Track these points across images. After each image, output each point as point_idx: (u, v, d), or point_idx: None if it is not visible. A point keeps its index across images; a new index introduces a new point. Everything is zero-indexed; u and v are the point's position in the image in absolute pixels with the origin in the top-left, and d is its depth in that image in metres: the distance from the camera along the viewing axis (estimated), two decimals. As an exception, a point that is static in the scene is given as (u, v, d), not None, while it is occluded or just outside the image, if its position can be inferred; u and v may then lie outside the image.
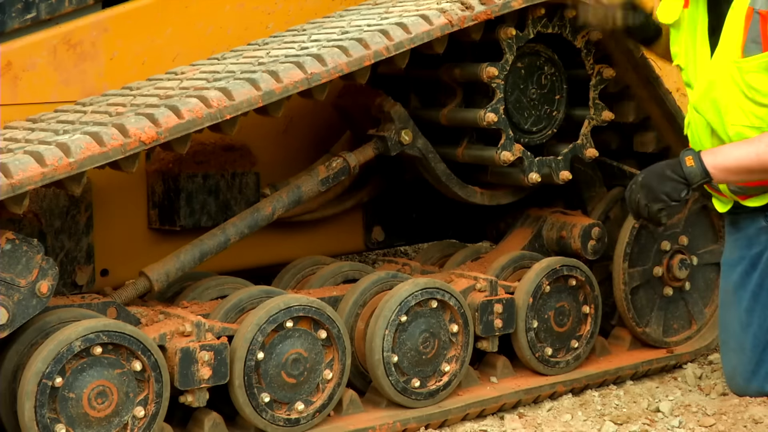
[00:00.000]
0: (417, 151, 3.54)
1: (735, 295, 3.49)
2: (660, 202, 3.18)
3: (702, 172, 3.14)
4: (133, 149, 2.77)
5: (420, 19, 3.26)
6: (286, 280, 3.55)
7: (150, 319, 3.02)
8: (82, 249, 3.33)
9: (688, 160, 3.15)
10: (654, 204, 3.18)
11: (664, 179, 3.17)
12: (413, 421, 3.24)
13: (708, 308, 3.97)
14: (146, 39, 3.47)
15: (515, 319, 3.45)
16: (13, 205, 2.66)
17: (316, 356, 3.10)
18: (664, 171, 3.19)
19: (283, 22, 3.72)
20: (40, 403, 2.67)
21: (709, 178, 3.15)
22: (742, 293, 3.47)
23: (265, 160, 3.69)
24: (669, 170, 3.18)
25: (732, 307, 3.49)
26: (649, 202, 3.19)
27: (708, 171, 3.14)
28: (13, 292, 2.71)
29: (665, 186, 3.17)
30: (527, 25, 3.53)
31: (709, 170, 3.14)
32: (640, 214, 3.24)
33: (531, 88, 3.60)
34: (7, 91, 3.24)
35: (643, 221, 3.29)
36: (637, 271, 3.77)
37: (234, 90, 2.94)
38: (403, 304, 3.21)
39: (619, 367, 3.69)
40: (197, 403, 2.92)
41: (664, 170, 3.19)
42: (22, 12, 3.26)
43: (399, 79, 3.70)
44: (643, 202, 3.20)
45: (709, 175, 3.14)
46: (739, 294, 3.48)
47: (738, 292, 3.47)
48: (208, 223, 3.51)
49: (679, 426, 3.29)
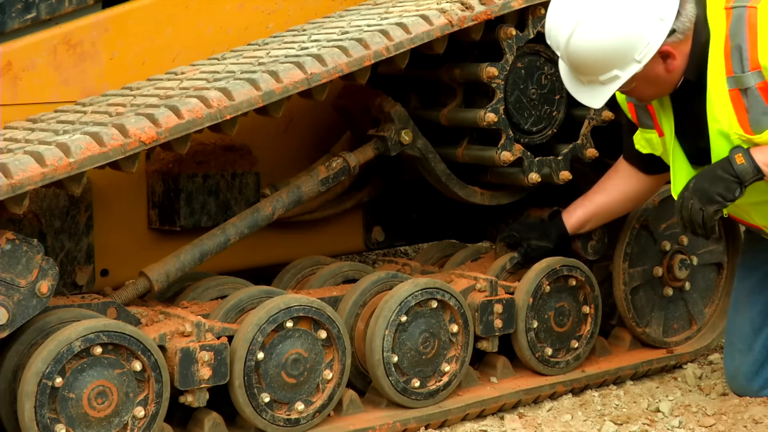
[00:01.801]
0: (417, 151, 3.54)
1: (750, 298, 3.49)
2: (715, 203, 3.05)
3: (754, 169, 3.02)
4: (133, 149, 2.77)
5: (420, 19, 3.26)
6: (286, 280, 3.55)
7: (150, 319, 3.02)
8: (82, 249, 3.33)
9: (738, 158, 3.04)
10: (710, 206, 3.06)
11: (716, 180, 3.05)
12: (413, 421, 3.24)
13: (708, 308, 3.97)
14: (146, 39, 3.47)
15: (515, 319, 3.45)
16: (13, 205, 2.66)
17: (316, 356, 3.10)
18: (715, 172, 3.06)
19: (283, 22, 3.72)
20: (40, 403, 2.67)
21: (761, 174, 3.03)
22: (758, 297, 3.48)
23: (265, 160, 3.69)
24: (720, 170, 3.05)
25: (745, 310, 3.50)
26: (704, 205, 3.06)
27: (759, 167, 3.03)
28: (13, 292, 2.71)
29: (718, 186, 3.04)
30: (527, 25, 3.53)
31: (761, 167, 3.03)
32: (693, 220, 3.09)
33: (531, 88, 3.60)
34: (7, 91, 3.24)
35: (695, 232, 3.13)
36: (637, 271, 3.77)
37: (234, 90, 2.94)
38: (403, 304, 3.21)
39: (619, 367, 3.69)
40: (197, 403, 2.92)
41: (714, 171, 3.07)
42: (22, 12, 3.26)
43: (399, 80, 3.70)
44: (697, 206, 3.07)
45: (761, 172, 3.03)
46: (754, 298, 3.49)
47: (754, 296, 3.48)
48: (208, 223, 3.51)
49: (679, 426, 3.29)
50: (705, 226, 3.09)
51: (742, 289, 3.55)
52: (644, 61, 3.00)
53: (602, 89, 3.07)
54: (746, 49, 2.98)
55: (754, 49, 2.97)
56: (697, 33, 3.06)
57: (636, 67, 3.01)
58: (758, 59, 2.96)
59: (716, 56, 3.04)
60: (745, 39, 2.98)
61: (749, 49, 2.98)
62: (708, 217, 3.07)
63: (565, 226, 3.59)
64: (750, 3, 3.00)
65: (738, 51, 2.99)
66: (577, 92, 3.16)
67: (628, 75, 3.02)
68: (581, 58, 3.02)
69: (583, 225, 3.61)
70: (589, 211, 3.59)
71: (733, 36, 3.01)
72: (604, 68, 3.02)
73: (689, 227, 3.13)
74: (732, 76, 3.01)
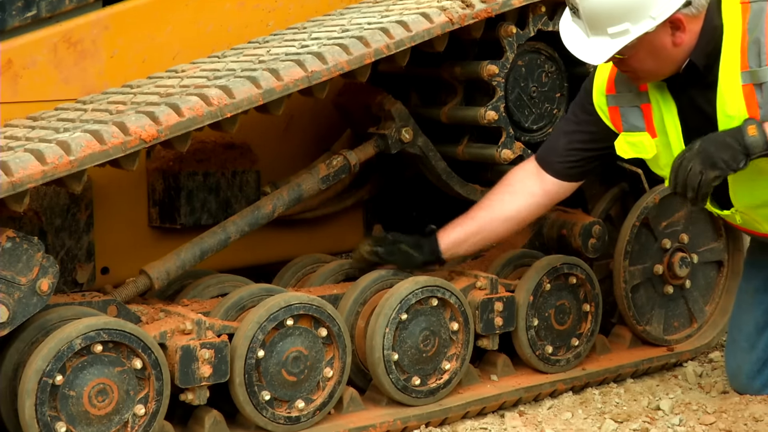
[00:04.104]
0: (417, 149, 3.54)
1: (755, 297, 3.49)
2: (717, 169, 2.92)
3: (765, 143, 2.91)
4: (133, 147, 2.77)
5: (421, 17, 3.26)
6: (287, 278, 3.55)
7: (150, 317, 3.02)
8: (83, 247, 3.33)
9: (751, 129, 2.93)
10: (711, 171, 2.93)
11: (724, 146, 2.92)
12: (414, 419, 3.24)
13: (708, 306, 3.97)
14: (147, 37, 3.47)
15: (516, 317, 3.45)
16: (13, 203, 2.66)
17: (316, 354, 3.10)
18: (725, 138, 2.94)
19: (283, 20, 3.72)
20: (41, 401, 2.67)
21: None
22: (764, 297, 3.48)
23: (265, 159, 3.69)
24: (729, 138, 2.93)
25: (750, 309, 3.50)
26: (704, 169, 2.93)
27: None
28: (14, 290, 2.71)
29: (724, 153, 2.92)
30: (528, 23, 3.53)
31: None
32: (688, 183, 2.96)
33: (532, 85, 3.60)
34: (7, 89, 3.24)
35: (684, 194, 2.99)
36: (637, 269, 3.77)
37: (234, 88, 2.94)
38: (404, 302, 3.21)
39: (619, 365, 3.70)
40: (198, 401, 2.92)
41: (724, 138, 2.94)
42: (23, 10, 3.26)
43: (399, 77, 3.70)
44: (697, 169, 2.94)
45: None
46: (759, 297, 3.48)
47: (759, 295, 3.48)
48: (209, 221, 3.51)
49: (679, 424, 3.29)
50: (699, 191, 2.96)
51: (747, 288, 3.54)
52: (659, 19, 2.89)
53: (608, 44, 2.93)
54: (764, 44, 2.92)
55: None
56: (709, 16, 2.99)
57: (649, 24, 2.89)
58: None
59: (731, 50, 2.98)
60: (764, 33, 2.92)
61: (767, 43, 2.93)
62: (705, 182, 2.94)
63: (439, 244, 3.38)
64: None
65: (756, 45, 2.93)
66: (578, 48, 3.01)
67: (638, 32, 2.90)
68: (598, 4, 2.89)
69: (459, 245, 3.40)
70: (469, 230, 3.38)
71: (752, 30, 2.94)
72: (617, 18, 2.89)
73: (681, 189, 2.99)
74: (748, 70, 2.95)
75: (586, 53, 2.98)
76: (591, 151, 3.35)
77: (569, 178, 3.38)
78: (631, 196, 3.84)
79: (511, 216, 3.38)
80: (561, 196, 3.43)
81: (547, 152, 3.40)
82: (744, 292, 3.55)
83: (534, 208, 3.41)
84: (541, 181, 3.38)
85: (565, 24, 3.06)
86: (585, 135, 3.34)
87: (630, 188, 3.85)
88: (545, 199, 3.40)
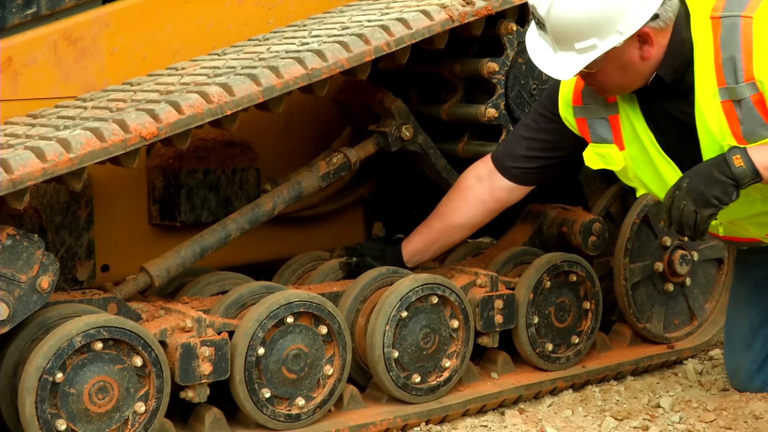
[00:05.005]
0: (418, 146, 3.54)
1: (748, 297, 3.48)
2: (711, 207, 2.89)
3: (753, 172, 2.88)
4: (133, 145, 2.77)
5: (421, 14, 3.26)
6: (287, 275, 3.55)
7: (151, 315, 3.02)
8: (83, 244, 3.33)
9: (736, 159, 2.90)
10: (705, 209, 2.90)
11: (713, 182, 2.89)
12: (414, 416, 3.24)
13: (708, 304, 3.97)
14: (147, 34, 3.47)
15: (516, 314, 3.45)
16: (13, 200, 2.66)
17: (316, 352, 3.10)
18: (711, 173, 2.90)
19: (283, 17, 3.72)
20: (41, 398, 2.67)
21: (759, 177, 2.90)
22: (756, 297, 3.47)
23: (265, 156, 3.69)
24: (716, 171, 2.90)
25: (744, 309, 3.49)
26: (698, 208, 2.90)
27: (758, 170, 2.89)
28: (14, 288, 2.71)
29: (714, 189, 2.89)
30: (528, 21, 3.52)
31: (760, 170, 2.89)
32: (684, 222, 2.93)
33: (532, 83, 3.60)
34: (7, 86, 3.24)
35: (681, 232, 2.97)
36: (637, 266, 3.77)
37: (234, 85, 2.93)
38: (404, 299, 3.21)
39: (619, 362, 3.69)
40: (198, 398, 2.92)
41: (710, 172, 2.91)
42: (23, 7, 3.26)
43: (399, 75, 3.70)
44: (691, 208, 2.91)
45: (759, 175, 2.90)
46: (752, 298, 3.48)
47: (751, 296, 3.47)
48: (209, 218, 3.51)
49: (679, 421, 3.29)
50: (696, 229, 2.93)
51: (740, 288, 3.54)
52: (627, 34, 2.86)
53: (575, 59, 2.89)
54: (740, 60, 2.87)
55: (749, 60, 2.86)
56: (677, 30, 2.95)
57: (616, 39, 2.86)
58: (753, 71, 2.86)
59: (705, 67, 2.93)
60: (739, 49, 2.87)
61: (744, 59, 2.87)
62: (702, 220, 2.92)
63: (402, 253, 3.46)
64: (744, 12, 2.89)
65: (732, 62, 2.88)
66: (545, 63, 2.95)
67: (606, 47, 2.87)
68: (564, 20, 2.85)
69: (422, 252, 3.48)
70: (428, 239, 3.46)
71: (726, 46, 2.90)
72: (584, 34, 2.86)
73: (677, 228, 2.97)
74: (725, 87, 2.91)
75: (553, 69, 2.94)
76: (551, 159, 3.35)
77: (525, 183, 3.39)
78: (631, 193, 3.84)
79: (462, 224, 3.44)
80: (512, 200, 3.44)
81: (504, 157, 3.38)
82: (737, 292, 3.55)
83: (485, 214, 3.44)
84: (492, 186, 3.39)
85: (531, 37, 3.01)
86: (546, 143, 3.32)
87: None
88: (496, 205, 3.43)
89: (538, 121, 3.33)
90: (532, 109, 3.40)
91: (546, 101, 3.31)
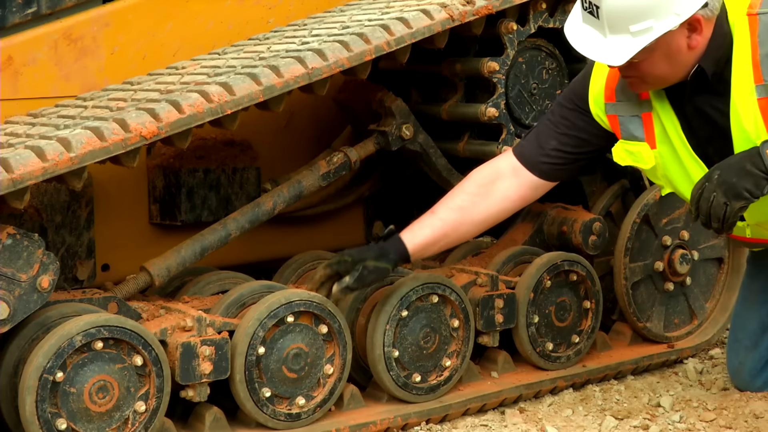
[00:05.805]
0: (418, 146, 3.54)
1: (760, 296, 3.47)
2: (742, 199, 2.84)
3: None
4: (133, 144, 2.77)
5: (421, 13, 3.26)
6: (287, 275, 3.54)
7: (151, 314, 3.02)
8: (83, 244, 3.33)
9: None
10: (736, 202, 2.84)
11: (745, 174, 2.84)
12: (414, 416, 3.24)
13: (709, 303, 3.97)
14: (147, 34, 3.47)
15: (516, 314, 3.45)
16: (14, 200, 2.66)
17: (317, 351, 3.10)
18: (744, 165, 2.85)
19: (284, 17, 3.72)
20: (41, 397, 2.67)
21: None
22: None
23: (266, 155, 3.69)
24: (749, 164, 2.85)
25: (755, 308, 3.48)
26: (729, 200, 2.84)
27: None
28: (14, 287, 2.71)
29: (746, 182, 2.83)
30: (528, 20, 3.53)
31: None
32: (713, 214, 2.88)
33: (532, 82, 3.60)
34: (7, 86, 3.24)
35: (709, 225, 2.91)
36: (638, 266, 3.77)
37: (235, 85, 2.93)
38: (404, 299, 3.21)
39: (620, 362, 3.69)
40: (198, 398, 2.93)
41: (743, 164, 2.85)
42: (23, 7, 3.26)
43: (400, 74, 3.70)
44: (721, 200, 2.85)
45: None
46: (765, 296, 3.46)
47: (764, 294, 3.46)
48: (209, 218, 3.51)
49: (679, 421, 3.29)
50: (725, 222, 2.87)
51: (752, 286, 3.51)
52: (683, 15, 2.80)
53: (629, 43, 2.81)
54: None
55: None
56: (719, 23, 2.92)
57: (673, 21, 2.80)
58: None
59: (742, 63, 2.90)
60: None
61: None
62: (731, 213, 2.86)
63: (406, 246, 3.19)
64: None
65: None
66: (594, 50, 2.87)
67: (662, 29, 2.80)
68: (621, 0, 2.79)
69: (427, 247, 3.23)
70: (438, 232, 3.22)
71: (763, 43, 2.87)
72: (641, 14, 2.79)
73: (704, 219, 2.91)
74: (762, 84, 2.87)
75: (604, 55, 2.87)
76: (582, 154, 3.27)
77: (554, 179, 3.29)
78: (632, 192, 3.84)
79: (480, 220, 3.26)
80: (535, 198, 3.33)
81: (532, 152, 3.26)
82: (748, 290, 3.54)
83: (505, 212, 3.30)
84: (518, 183, 3.26)
85: (573, 26, 2.95)
86: (578, 139, 3.24)
87: (630, 185, 3.85)
88: (520, 202, 3.31)
89: (568, 117, 3.24)
90: (557, 104, 3.30)
91: (573, 97, 3.24)
